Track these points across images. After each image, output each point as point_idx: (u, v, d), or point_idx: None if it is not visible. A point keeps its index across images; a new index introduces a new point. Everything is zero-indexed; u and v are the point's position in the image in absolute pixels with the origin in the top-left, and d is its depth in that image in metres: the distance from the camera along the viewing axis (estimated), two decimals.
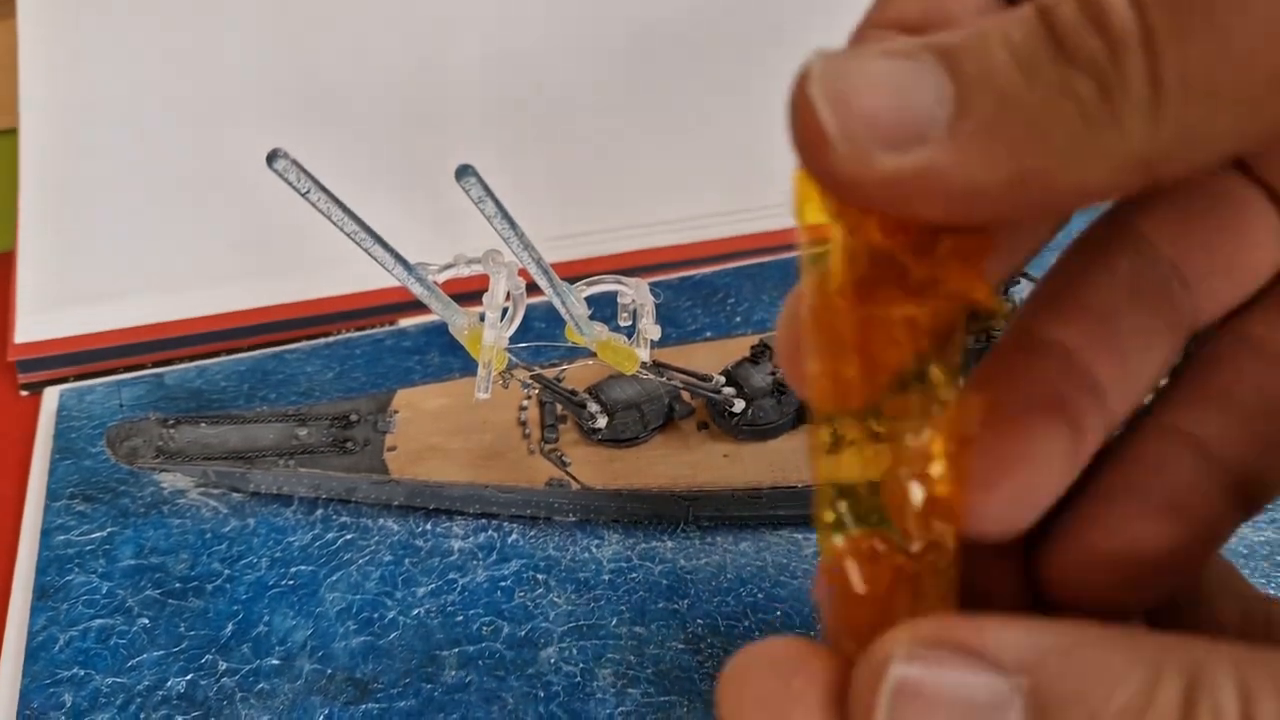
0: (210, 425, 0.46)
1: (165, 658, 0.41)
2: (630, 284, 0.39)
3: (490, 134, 0.63)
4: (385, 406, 0.47)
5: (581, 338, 0.39)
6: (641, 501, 0.44)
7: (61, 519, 0.46)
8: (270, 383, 0.53)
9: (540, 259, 0.34)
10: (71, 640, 0.41)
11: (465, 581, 0.43)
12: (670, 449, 0.45)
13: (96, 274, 0.56)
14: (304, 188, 0.29)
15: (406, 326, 0.57)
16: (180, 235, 0.58)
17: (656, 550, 0.45)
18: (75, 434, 0.50)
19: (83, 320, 0.55)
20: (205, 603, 0.42)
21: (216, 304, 0.56)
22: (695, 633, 0.41)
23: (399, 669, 0.40)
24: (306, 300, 0.57)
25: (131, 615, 0.42)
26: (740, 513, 0.45)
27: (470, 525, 0.46)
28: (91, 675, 0.40)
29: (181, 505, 0.46)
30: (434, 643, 0.41)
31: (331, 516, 0.46)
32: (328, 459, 0.45)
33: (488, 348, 0.36)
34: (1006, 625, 0.14)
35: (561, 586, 0.43)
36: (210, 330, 0.55)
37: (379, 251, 0.32)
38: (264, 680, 0.40)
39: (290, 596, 0.43)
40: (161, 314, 0.55)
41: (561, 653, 0.41)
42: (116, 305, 0.55)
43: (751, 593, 0.43)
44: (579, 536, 0.45)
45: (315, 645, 0.41)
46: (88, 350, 0.54)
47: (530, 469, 0.44)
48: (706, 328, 0.57)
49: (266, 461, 0.44)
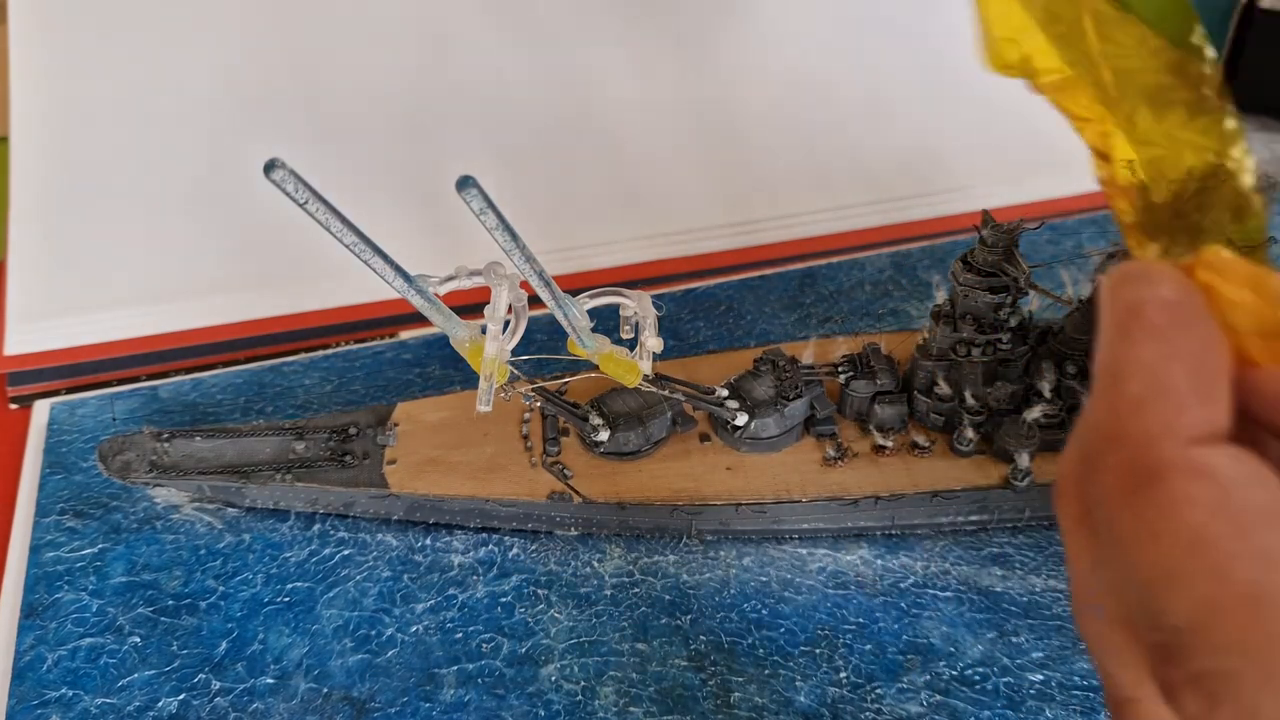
0: (205, 439, 0.45)
1: (157, 677, 0.40)
2: (632, 296, 0.39)
3: (492, 145, 0.62)
4: (385, 419, 0.46)
5: (584, 350, 0.39)
6: (644, 515, 0.44)
7: (51, 535, 0.45)
8: (267, 395, 0.52)
9: (542, 271, 0.33)
10: (60, 660, 0.40)
11: (465, 597, 0.43)
12: (673, 462, 0.45)
13: (89, 285, 0.55)
14: (302, 198, 0.28)
15: (407, 339, 0.56)
16: (175, 246, 0.57)
17: (659, 565, 0.44)
18: (66, 448, 0.49)
19: (74, 332, 0.54)
20: (199, 621, 0.42)
21: (212, 316, 0.55)
22: (698, 649, 0.41)
23: (397, 687, 0.39)
24: (305, 312, 0.56)
25: (122, 634, 0.41)
26: (743, 526, 0.44)
27: (470, 540, 0.45)
28: (80, 696, 0.39)
29: (175, 521, 0.46)
30: (433, 660, 0.40)
31: (329, 531, 0.45)
32: (326, 473, 0.44)
33: (489, 360, 0.36)
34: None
35: (563, 602, 0.42)
36: (206, 342, 0.55)
37: (379, 263, 0.31)
38: (258, 700, 0.39)
39: (286, 614, 0.42)
40: (156, 326, 0.55)
41: (562, 670, 0.40)
42: (109, 316, 0.55)
43: (755, 609, 0.42)
44: (580, 551, 0.45)
45: (311, 664, 0.40)
46: (80, 363, 0.53)
47: (532, 482, 0.44)
48: (709, 340, 0.56)
49: (263, 476, 0.44)
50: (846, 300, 0.59)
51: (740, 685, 0.40)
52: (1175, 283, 0.18)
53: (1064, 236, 0.64)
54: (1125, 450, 0.17)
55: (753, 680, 0.40)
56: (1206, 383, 0.17)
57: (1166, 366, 0.17)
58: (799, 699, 0.39)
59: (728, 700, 0.39)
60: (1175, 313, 0.17)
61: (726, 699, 0.39)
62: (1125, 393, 0.17)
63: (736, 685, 0.40)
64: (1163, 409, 0.17)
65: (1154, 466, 0.17)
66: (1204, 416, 0.17)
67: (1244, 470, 0.17)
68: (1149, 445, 0.17)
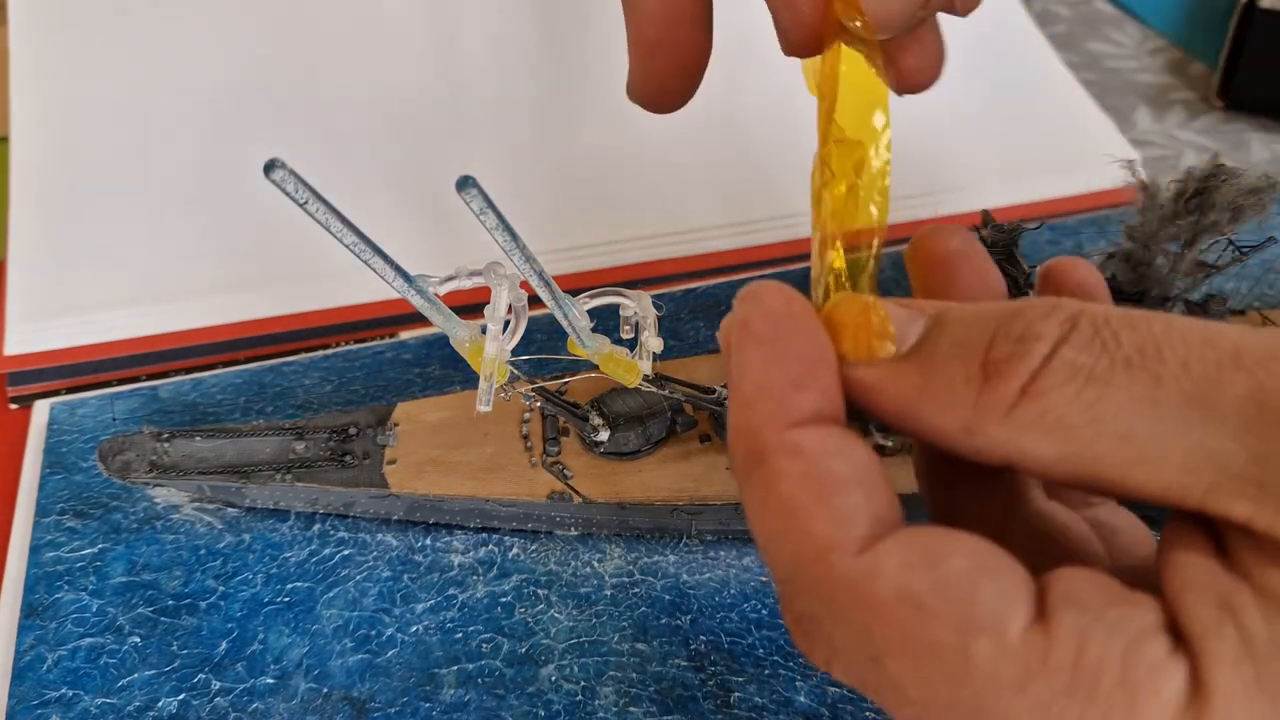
0: (205, 439, 0.45)
1: (157, 677, 0.40)
2: (632, 296, 0.39)
3: (492, 145, 0.62)
4: (385, 419, 0.46)
5: (583, 350, 0.39)
6: (644, 515, 0.44)
7: (51, 535, 0.45)
8: (267, 395, 0.52)
9: (542, 271, 0.33)
10: (60, 660, 0.40)
11: (465, 597, 0.43)
12: (673, 462, 0.45)
13: (89, 284, 0.55)
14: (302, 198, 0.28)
15: (407, 339, 0.56)
16: (175, 245, 0.57)
17: (659, 565, 0.44)
18: (66, 448, 0.49)
19: (74, 332, 0.54)
20: (199, 621, 0.42)
21: (212, 315, 0.55)
22: (698, 650, 0.41)
23: (397, 687, 0.39)
24: (305, 312, 0.56)
25: (122, 634, 0.41)
26: (744, 526, 0.44)
27: (470, 540, 0.45)
28: (80, 696, 0.39)
29: (175, 521, 0.46)
30: (432, 660, 0.40)
31: (329, 531, 0.45)
32: (326, 473, 0.44)
33: (489, 360, 0.36)
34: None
35: (563, 602, 0.42)
36: (206, 342, 0.55)
37: (378, 263, 0.31)
38: (258, 700, 0.39)
39: (286, 614, 0.42)
40: (156, 325, 0.55)
41: (562, 670, 0.40)
42: (109, 316, 0.54)
43: (755, 609, 0.42)
44: (580, 551, 0.45)
45: (311, 664, 0.40)
46: (79, 363, 0.53)
47: (532, 482, 0.44)
48: (709, 340, 0.56)
49: (263, 476, 0.44)
50: None
51: (740, 685, 0.40)
52: (780, 297, 0.21)
53: (1064, 236, 0.64)
54: (741, 442, 0.20)
55: (753, 680, 0.40)
56: (806, 375, 0.20)
57: (768, 369, 0.21)
58: (799, 699, 0.39)
59: (728, 700, 0.39)
60: (779, 322, 0.21)
61: (726, 699, 0.39)
62: (739, 395, 0.21)
63: (736, 685, 0.40)
64: (765, 404, 0.20)
65: (759, 451, 0.20)
66: (801, 404, 0.20)
67: (828, 445, 0.20)
68: (755, 434, 0.20)
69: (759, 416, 0.20)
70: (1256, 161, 0.70)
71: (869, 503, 0.19)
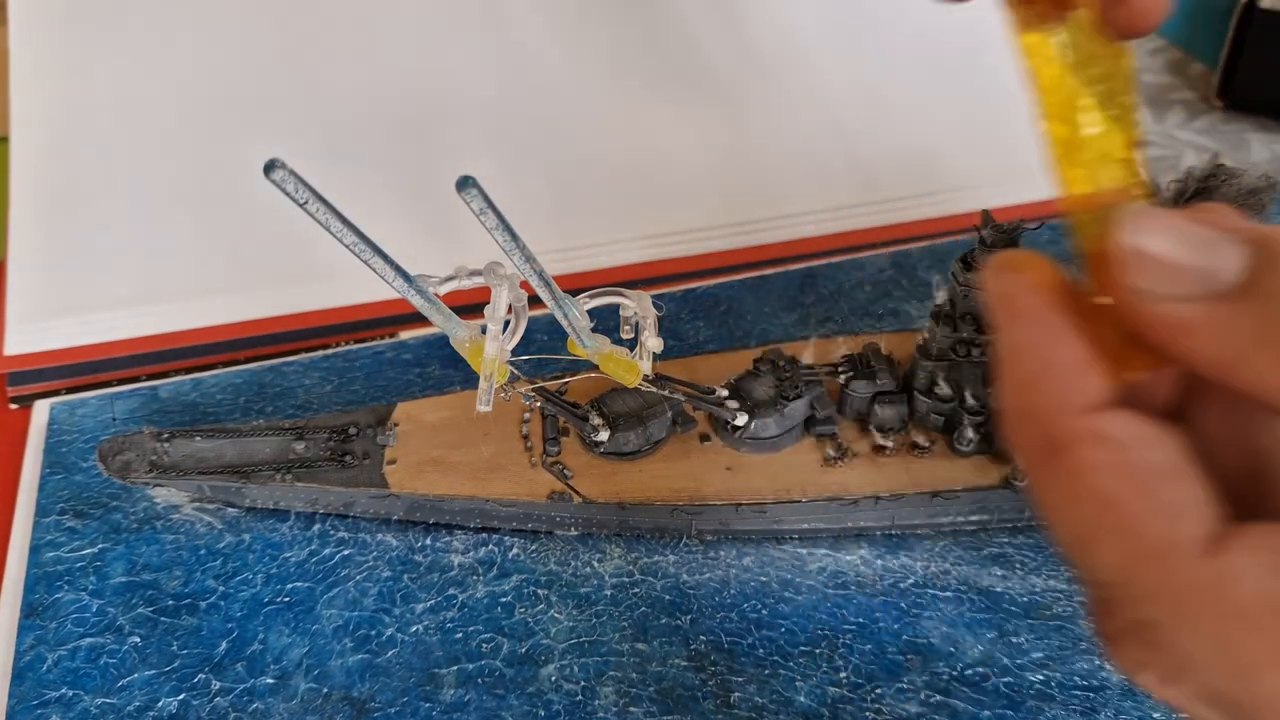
0: (205, 439, 0.45)
1: (157, 677, 0.40)
2: (632, 296, 0.39)
3: (492, 145, 0.62)
4: (385, 419, 0.46)
5: (583, 350, 0.38)
6: (644, 515, 0.44)
7: (51, 535, 0.45)
8: (267, 395, 0.52)
9: (542, 271, 0.33)
10: (60, 660, 0.40)
11: (465, 597, 0.43)
12: (673, 462, 0.45)
13: (89, 285, 0.55)
14: (302, 198, 0.28)
15: (407, 339, 0.56)
16: (175, 246, 0.57)
17: (659, 565, 0.44)
18: (66, 448, 0.49)
19: (75, 332, 0.54)
20: (199, 621, 0.42)
21: (212, 315, 0.55)
22: (698, 649, 0.41)
23: (397, 687, 0.39)
24: (305, 312, 0.56)
25: (122, 634, 0.41)
26: (743, 526, 0.44)
27: (470, 540, 0.45)
28: (80, 696, 0.39)
29: (175, 521, 0.46)
30: (432, 660, 0.40)
31: (329, 531, 0.45)
32: (326, 473, 0.44)
33: (489, 360, 0.36)
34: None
35: (563, 602, 0.42)
36: (206, 342, 0.55)
37: (378, 263, 0.31)
38: (258, 700, 0.39)
39: (286, 614, 0.42)
40: (156, 326, 0.55)
41: (562, 670, 0.40)
42: (109, 316, 0.54)
43: (755, 609, 0.42)
44: (580, 551, 0.45)
45: (311, 664, 0.40)
46: (80, 363, 0.53)
47: (532, 482, 0.44)
48: (709, 340, 0.56)
49: (263, 476, 0.44)
50: (846, 300, 0.59)
51: (740, 685, 0.40)
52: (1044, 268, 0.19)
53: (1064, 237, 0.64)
54: (1029, 427, 0.18)
55: (753, 680, 0.40)
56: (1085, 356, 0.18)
57: (1050, 345, 0.18)
58: (799, 699, 0.39)
59: (728, 700, 0.39)
60: (1045, 297, 0.19)
61: (726, 699, 0.39)
62: (1018, 373, 0.19)
63: (736, 685, 0.40)
64: (1053, 384, 0.18)
65: (1055, 438, 0.18)
66: (1094, 387, 0.18)
67: (1137, 432, 0.18)
68: (1047, 419, 0.18)
69: (1049, 399, 0.18)
70: (1256, 161, 0.70)
71: (1198, 497, 0.17)
